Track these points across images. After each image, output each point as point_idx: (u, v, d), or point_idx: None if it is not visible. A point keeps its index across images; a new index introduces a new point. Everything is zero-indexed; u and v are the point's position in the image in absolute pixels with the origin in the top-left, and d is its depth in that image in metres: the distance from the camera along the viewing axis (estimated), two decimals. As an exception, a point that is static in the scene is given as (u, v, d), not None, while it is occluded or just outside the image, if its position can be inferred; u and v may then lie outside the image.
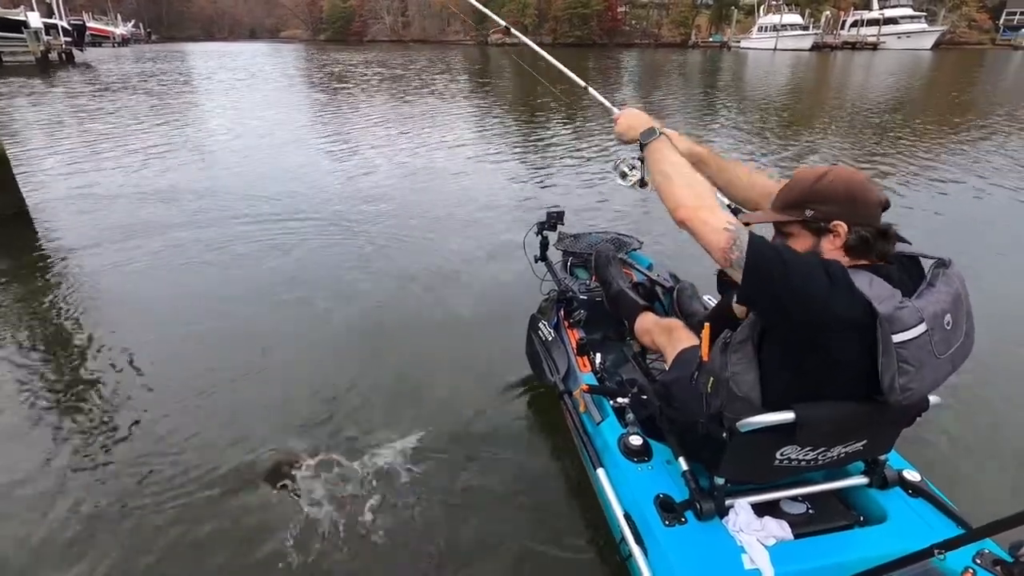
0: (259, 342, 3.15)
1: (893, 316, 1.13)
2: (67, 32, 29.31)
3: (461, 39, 65.46)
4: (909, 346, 1.15)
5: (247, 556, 1.89)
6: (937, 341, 1.18)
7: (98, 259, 4.30)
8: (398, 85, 17.89)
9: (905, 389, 1.18)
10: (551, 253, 2.75)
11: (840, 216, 1.24)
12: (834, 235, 1.25)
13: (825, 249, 1.27)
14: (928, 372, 1.19)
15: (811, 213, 1.26)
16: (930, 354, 1.18)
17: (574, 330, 2.37)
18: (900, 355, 1.15)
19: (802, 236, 1.30)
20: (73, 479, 2.22)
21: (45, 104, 13.30)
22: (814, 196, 1.26)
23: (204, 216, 5.33)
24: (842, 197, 1.24)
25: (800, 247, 1.29)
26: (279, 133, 9.87)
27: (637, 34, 63.26)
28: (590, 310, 2.44)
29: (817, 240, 1.28)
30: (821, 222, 1.26)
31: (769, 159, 7.87)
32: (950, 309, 1.20)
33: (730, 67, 29.42)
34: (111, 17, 57.92)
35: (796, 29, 47.90)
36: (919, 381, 1.18)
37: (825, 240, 1.27)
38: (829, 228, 1.25)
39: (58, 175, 6.77)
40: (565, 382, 2.10)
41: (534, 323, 2.43)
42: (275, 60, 31.05)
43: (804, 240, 1.29)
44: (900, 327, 1.14)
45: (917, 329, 1.15)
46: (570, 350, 2.25)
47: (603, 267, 2.46)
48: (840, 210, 1.24)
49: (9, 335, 3.25)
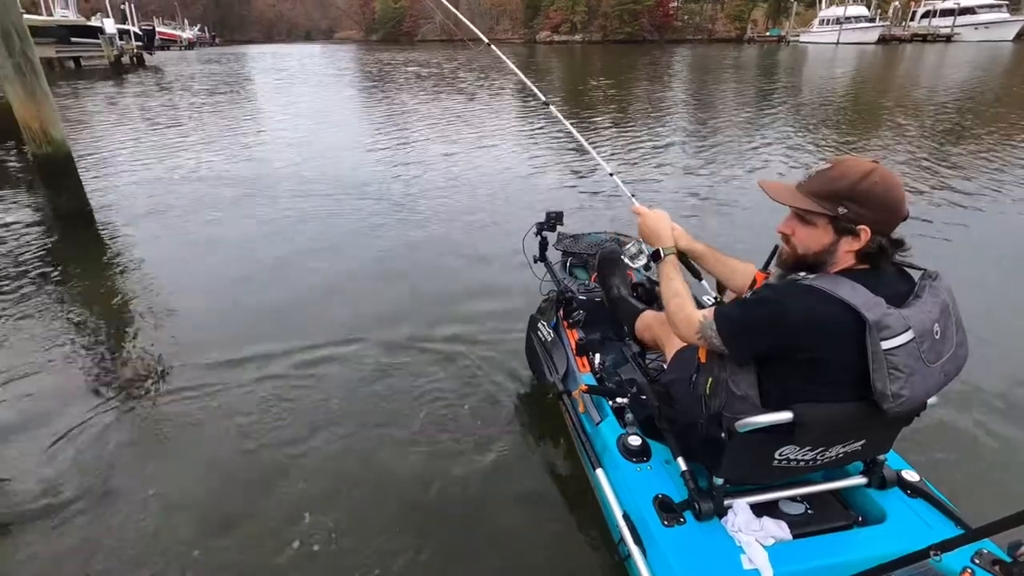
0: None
1: (880, 323, 1.14)
2: (138, 37, 31.21)
3: (510, 37, 65.78)
4: (898, 352, 1.16)
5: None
6: (926, 349, 1.18)
7: (159, 248, 4.61)
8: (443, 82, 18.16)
9: (897, 396, 1.18)
10: (550, 253, 2.75)
11: (870, 222, 1.19)
12: (855, 239, 1.21)
13: (840, 249, 1.24)
14: (919, 380, 1.19)
15: (844, 211, 1.20)
16: (920, 361, 1.18)
17: (573, 330, 2.36)
18: (890, 361, 1.16)
19: (823, 229, 1.24)
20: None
21: (115, 104, 14.24)
22: (854, 195, 1.19)
23: (257, 200, 5.77)
24: (879, 204, 1.18)
25: (816, 239, 1.25)
26: (325, 125, 10.42)
27: (689, 30, 62.02)
28: (589, 310, 2.44)
29: (837, 239, 1.23)
30: (850, 223, 1.20)
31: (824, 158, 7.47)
32: (938, 319, 1.20)
33: (788, 62, 28.40)
34: (179, 22, 61.27)
35: (861, 21, 45.58)
36: (911, 388, 1.18)
37: (844, 240, 1.23)
38: (855, 231, 1.21)
39: (122, 169, 7.25)
40: (564, 382, 2.08)
41: (533, 323, 2.43)
42: (325, 60, 32.08)
43: (824, 234, 1.24)
44: (888, 334, 1.15)
45: (904, 336, 1.15)
46: (569, 350, 2.24)
47: (607, 269, 2.45)
48: (872, 216, 1.19)
49: (75, 314, 3.51)
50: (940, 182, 6.14)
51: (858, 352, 1.17)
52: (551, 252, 2.77)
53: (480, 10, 70.12)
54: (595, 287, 2.54)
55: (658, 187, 6.29)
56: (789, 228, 1.30)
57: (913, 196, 5.58)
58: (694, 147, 8.48)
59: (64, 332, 3.29)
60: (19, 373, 2.86)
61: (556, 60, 27.50)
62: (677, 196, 5.88)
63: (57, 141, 4.94)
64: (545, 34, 63.39)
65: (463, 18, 2.45)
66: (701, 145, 8.64)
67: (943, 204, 5.44)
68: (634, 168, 7.16)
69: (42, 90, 4.75)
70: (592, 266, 2.77)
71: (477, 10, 70.46)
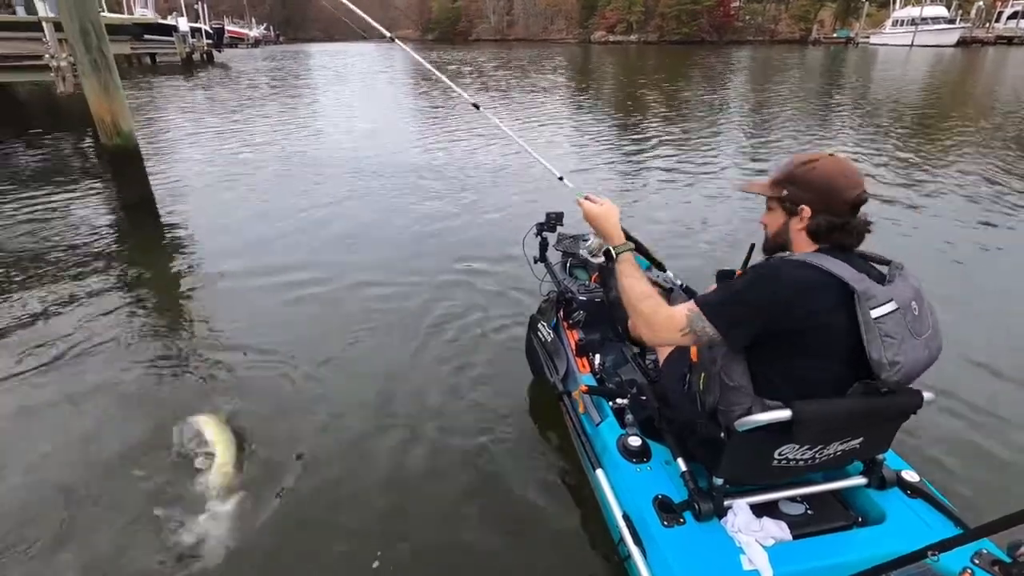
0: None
1: (867, 292, 1.22)
2: (209, 35, 32.72)
3: (564, 37, 65.46)
4: (887, 320, 1.22)
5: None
6: (910, 321, 1.25)
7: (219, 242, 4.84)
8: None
9: (893, 363, 1.22)
10: (550, 254, 2.73)
11: (809, 203, 1.33)
12: (799, 218, 1.36)
13: (792, 228, 1.39)
14: (909, 349, 1.24)
15: (786, 193, 1.37)
16: (907, 332, 1.24)
17: (573, 331, 2.37)
18: (881, 328, 1.21)
19: (777, 211, 1.42)
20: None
21: (182, 98, 15.04)
22: (793, 179, 1.37)
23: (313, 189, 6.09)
24: (817, 187, 1.32)
25: (774, 221, 1.43)
26: (378, 117, 10.88)
27: (751, 30, 60.08)
28: (589, 311, 2.43)
29: (788, 218, 1.39)
30: (793, 203, 1.36)
31: (892, 171, 6.93)
32: (913, 297, 1.28)
33: (856, 65, 27.07)
34: (247, 21, 64.10)
35: (940, 22, 42.90)
36: (904, 355, 1.23)
37: (793, 220, 1.38)
38: (796, 211, 1.36)
39: (186, 159, 7.69)
40: (564, 383, 2.09)
41: (533, 324, 2.44)
42: (379, 59, 32.86)
43: (777, 216, 1.42)
44: (874, 303, 1.22)
45: (889, 305, 1.22)
46: (569, 351, 2.24)
47: (608, 269, 2.42)
48: (812, 197, 1.33)
49: (134, 296, 3.77)
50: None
51: (848, 322, 1.23)
52: (551, 252, 2.75)
53: (535, 10, 70.12)
54: (595, 288, 2.53)
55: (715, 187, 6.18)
56: (763, 216, 1.48)
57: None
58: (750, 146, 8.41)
59: (127, 311, 3.51)
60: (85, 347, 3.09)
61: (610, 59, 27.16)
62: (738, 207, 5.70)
63: (126, 134, 5.27)
64: (600, 34, 62.76)
65: (364, 15, 2.49)
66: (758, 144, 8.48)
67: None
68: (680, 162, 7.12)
69: (115, 85, 5.08)
70: (592, 267, 2.76)
71: (532, 10, 70.50)
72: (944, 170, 6.91)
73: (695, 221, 5.21)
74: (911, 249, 4.48)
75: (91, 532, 1.94)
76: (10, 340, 3.14)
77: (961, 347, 2.89)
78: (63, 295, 3.66)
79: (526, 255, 2.63)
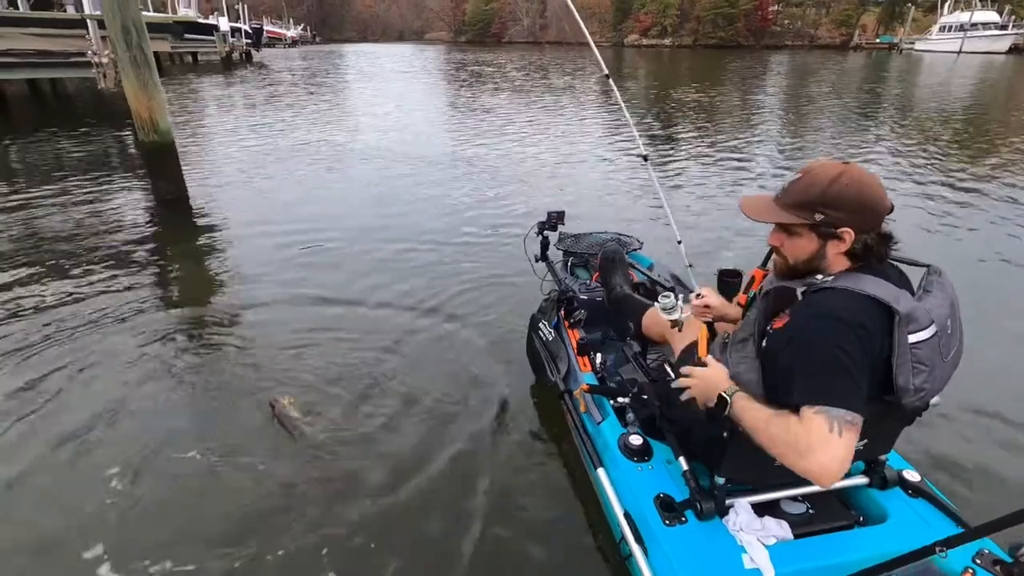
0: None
1: (911, 315, 1.14)
2: (248, 35, 33.61)
3: (597, 40, 64.94)
4: (923, 347, 1.15)
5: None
6: (943, 344, 1.19)
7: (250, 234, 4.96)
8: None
9: (919, 390, 1.17)
10: (551, 253, 2.74)
11: (849, 223, 1.20)
12: (840, 241, 1.23)
13: (829, 253, 1.25)
14: (938, 374, 1.19)
15: (821, 217, 1.22)
16: (939, 355, 1.18)
17: (574, 330, 2.37)
18: (915, 355, 1.15)
19: (808, 238, 1.26)
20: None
21: (219, 95, 15.30)
22: (827, 200, 1.20)
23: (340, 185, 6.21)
24: (854, 205, 1.19)
25: (803, 248, 1.27)
26: (406, 111, 11.18)
27: (789, 35, 58.82)
28: (590, 310, 2.42)
29: (823, 243, 1.25)
30: (830, 227, 1.22)
31: (937, 188, 6.53)
32: (949, 314, 1.21)
33: (900, 72, 26.14)
34: (285, 21, 65.60)
35: (990, 28, 41.28)
36: (931, 382, 1.18)
37: (830, 244, 1.24)
38: (837, 234, 1.22)
39: (219, 156, 7.90)
40: (565, 382, 2.10)
41: (534, 323, 2.44)
42: (411, 57, 33.23)
43: (809, 242, 1.26)
44: (915, 327, 1.15)
45: (929, 330, 1.16)
46: (570, 350, 2.24)
47: (609, 268, 2.43)
48: (850, 217, 1.20)
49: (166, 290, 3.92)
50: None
51: (882, 339, 1.15)
52: (552, 252, 2.76)
53: (567, 13, 69.95)
54: (596, 287, 2.53)
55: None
56: (778, 240, 1.31)
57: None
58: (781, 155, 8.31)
59: (155, 304, 3.63)
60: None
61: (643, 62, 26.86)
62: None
63: (163, 130, 5.44)
64: (633, 37, 62.31)
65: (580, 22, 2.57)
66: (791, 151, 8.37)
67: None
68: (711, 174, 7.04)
69: (153, 82, 5.25)
70: (593, 266, 2.76)
71: (564, 13, 70.33)
72: (987, 184, 6.62)
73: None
74: (947, 256, 4.35)
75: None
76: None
77: (966, 351, 2.81)
78: (91, 286, 3.82)
79: (527, 254, 2.64)
